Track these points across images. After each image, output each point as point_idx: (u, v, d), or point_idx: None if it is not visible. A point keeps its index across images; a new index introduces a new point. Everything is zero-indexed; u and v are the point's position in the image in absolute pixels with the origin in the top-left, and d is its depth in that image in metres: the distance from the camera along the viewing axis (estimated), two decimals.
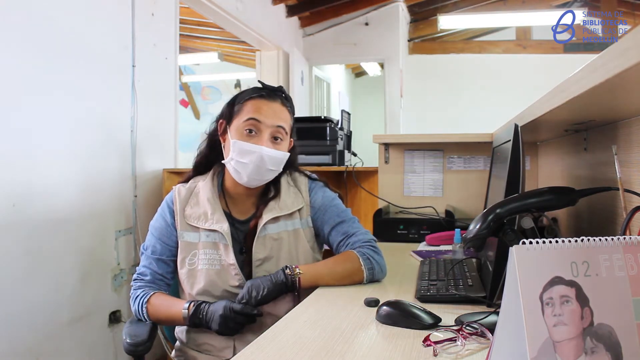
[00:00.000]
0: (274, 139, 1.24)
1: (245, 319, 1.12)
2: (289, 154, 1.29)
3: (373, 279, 1.21)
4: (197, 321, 1.16)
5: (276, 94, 1.27)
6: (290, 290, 1.15)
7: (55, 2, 2.02)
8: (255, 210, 1.31)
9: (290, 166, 1.36)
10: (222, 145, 1.30)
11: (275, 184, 1.32)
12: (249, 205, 1.32)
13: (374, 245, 1.26)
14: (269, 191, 1.32)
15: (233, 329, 1.12)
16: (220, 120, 1.30)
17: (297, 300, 1.20)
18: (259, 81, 1.32)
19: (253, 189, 1.30)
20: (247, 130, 1.22)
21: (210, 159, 1.35)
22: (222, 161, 1.28)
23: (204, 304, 1.16)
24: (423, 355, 0.76)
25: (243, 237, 1.29)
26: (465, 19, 5.30)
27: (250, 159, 1.21)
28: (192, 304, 1.17)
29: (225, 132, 1.28)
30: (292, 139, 1.34)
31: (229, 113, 1.28)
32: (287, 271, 1.15)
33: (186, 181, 1.36)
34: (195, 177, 1.36)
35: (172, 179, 2.58)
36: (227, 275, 1.23)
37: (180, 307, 1.18)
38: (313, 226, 1.33)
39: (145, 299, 1.24)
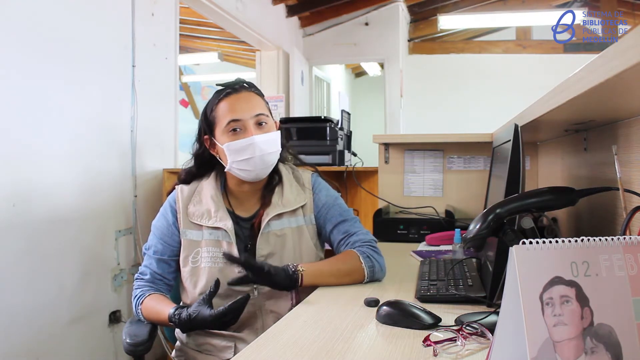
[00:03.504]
0: (259, 125, 1.25)
1: (236, 311, 1.09)
2: (278, 132, 1.30)
3: (373, 278, 1.22)
4: (188, 328, 1.14)
5: (237, 85, 1.28)
6: (293, 285, 1.14)
7: (55, 3, 2.02)
8: (258, 207, 1.32)
9: (284, 149, 1.37)
10: (218, 157, 1.30)
11: (277, 171, 1.33)
12: (252, 202, 1.33)
13: (374, 245, 1.26)
14: (271, 183, 1.32)
15: (229, 323, 1.10)
16: (205, 137, 1.30)
17: (297, 299, 1.20)
18: (216, 84, 1.32)
19: (256, 185, 1.31)
20: (232, 131, 1.23)
21: (196, 175, 1.36)
22: (225, 170, 1.28)
23: (184, 316, 1.10)
24: (423, 355, 0.76)
25: (247, 234, 1.29)
26: (465, 19, 5.30)
27: (250, 152, 1.22)
28: (175, 316, 1.12)
29: (213, 144, 1.29)
30: (275, 121, 1.34)
31: (207, 126, 1.28)
32: (290, 267, 1.15)
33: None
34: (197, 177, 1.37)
35: (172, 179, 2.58)
36: (230, 272, 1.23)
37: (166, 316, 1.15)
38: (316, 224, 1.33)
39: (140, 300, 1.25)
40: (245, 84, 1.29)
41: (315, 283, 1.17)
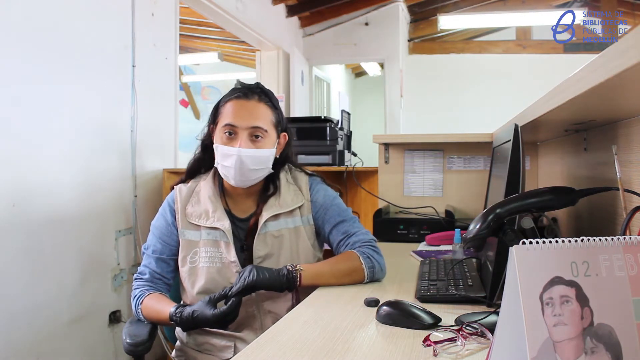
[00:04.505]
0: (255, 137, 1.24)
1: (237, 310, 1.09)
2: (273, 149, 1.28)
3: (373, 278, 1.21)
4: (190, 328, 1.14)
5: (252, 91, 1.27)
6: (291, 286, 1.14)
7: (55, 3, 2.02)
8: (255, 208, 1.32)
9: (288, 161, 1.37)
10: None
11: (274, 181, 1.32)
12: (249, 203, 1.33)
13: (374, 245, 1.26)
14: (268, 188, 1.32)
15: (230, 322, 1.11)
16: (211, 126, 1.31)
17: (297, 299, 1.20)
18: (237, 80, 1.32)
19: (251, 188, 1.30)
20: (227, 133, 1.24)
21: (202, 164, 1.37)
22: (215, 165, 1.29)
23: (186, 313, 1.11)
24: (423, 355, 0.76)
25: (244, 235, 1.29)
26: (465, 19, 5.30)
27: (230, 162, 1.22)
28: (176, 314, 1.13)
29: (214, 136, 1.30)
30: (284, 133, 1.34)
31: (213, 118, 1.30)
32: (289, 267, 1.15)
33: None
34: (196, 176, 1.37)
35: (172, 179, 2.58)
36: (228, 272, 1.23)
37: (167, 315, 1.15)
38: (314, 224, 1.33)
39: (140, 300, 1.25)
40: (260, 91, 1.28)
41: (315, 283, 1.17)
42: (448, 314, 0.94)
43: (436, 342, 0.78)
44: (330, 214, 1.32)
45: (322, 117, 2.79)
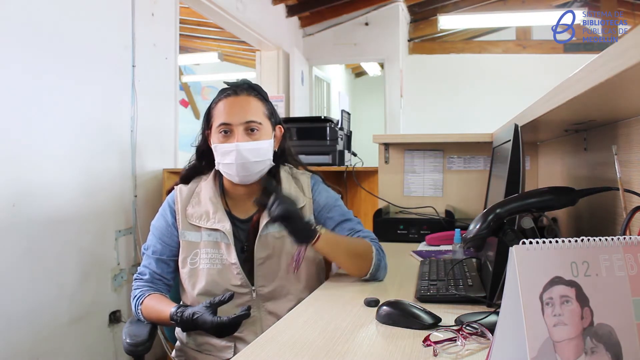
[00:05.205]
0: (251, 130, 1.24)
1: (236, 325, 1.08)
2: (271, 140, 1.28)
3: (376, 274, 1.22)
4: (189, 328, 1.14)
5: (240, 87, 1.27)
6: (310, 235, 1.12)
7: (55, 3, 2.02)
8: (256, 208, 1.31)
9: (287, 154, 1.37)
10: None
11: (274, 176, 1.32)
12: (250, 204, 1.32)
13: (380, 245, 1.27)
14: None
15: (228, 333, 1.10)
16: (207, 131, 1.31)
17: (298, 265, 1.22)
18: (223, 82, 1.32)
19: (253, 187, 1.30)
20: (223, 132, 1.24)
21: (197, 171, 1.37)
22: (215, 167, 1.29)
23: (187, 314, 1.10)
24: (423, 355, 0.76)
25: (245, 236, 1.29)
26: (465, 19, 5.30)
27: (231, 158, 1.22)
28: (177, 314, 1.12)
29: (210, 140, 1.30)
30: (279, 126, 1.34)
31: (207, 122, 1.30)
32: (312, 223, 1.16)
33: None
34: (197, 177, 1.37)
35: (172, 179, 2.58)
36: (229, 274, 1.23)
37: (167, 315, 1.15)
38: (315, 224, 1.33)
39: (140, 300, 1.25)
40: (248, 86, 1.28)
41: (329, 250, 1.17)
42: (448, 314, 0.94)
43: (436, 342, 0.78)
44: (333, 213, 1.32)
45: (322, 117, 2.79)
